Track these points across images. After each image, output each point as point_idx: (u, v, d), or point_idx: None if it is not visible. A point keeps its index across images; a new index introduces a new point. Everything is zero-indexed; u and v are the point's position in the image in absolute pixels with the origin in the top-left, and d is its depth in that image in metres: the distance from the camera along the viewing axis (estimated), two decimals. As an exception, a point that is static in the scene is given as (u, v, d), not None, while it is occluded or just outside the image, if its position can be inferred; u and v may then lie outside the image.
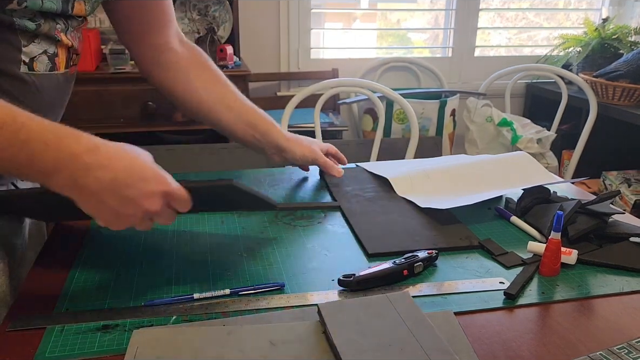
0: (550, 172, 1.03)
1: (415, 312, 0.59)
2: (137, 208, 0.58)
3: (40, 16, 0.69)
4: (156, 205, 0.59)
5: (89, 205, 0.57)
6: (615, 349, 0.56)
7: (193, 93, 0.92)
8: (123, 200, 0.57)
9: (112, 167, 0.57)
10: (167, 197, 0.60)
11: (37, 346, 0.56)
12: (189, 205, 0.62)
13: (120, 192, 0.57)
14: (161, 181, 0.60)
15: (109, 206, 0.57)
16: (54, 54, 0.74)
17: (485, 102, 2.38)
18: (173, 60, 0.92)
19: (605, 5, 2.85)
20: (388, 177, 1.01)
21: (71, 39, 0.76)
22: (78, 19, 0.78)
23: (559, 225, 0.69)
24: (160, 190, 0.59)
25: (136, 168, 0.58)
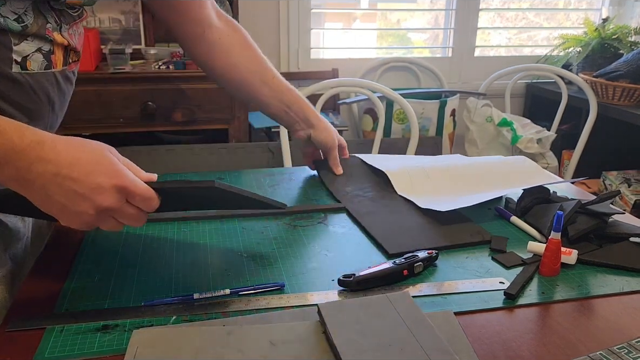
0: (550, 174, 1.03)
1: (415, 312, 0.59)
2: (87, 203, 0.55)
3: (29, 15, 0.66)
4: (109, 201, 0.55)
5: (39, 201, 0.55)
6: (615, 349, 0.56)
7: (233, 70, 0.96)
8: (70, 195, 0.54)
9: (56, 161, 0.54)
10: (122, 192, 0.56)
11: (36, 346, 0.56)
12: (154, 203, 0.59)
13: (65, 186, 0.54)
14: (113, 175, 0.56)
15: (57, 202, 0.55)
16: (50, 52, 0.70)
17: (485, 102, 2.38)
18: (216, 37, 0.94)
19: (605, 5, 2.85)
20: (385, 171, 1.01)
21: (68, 37, 0.73)
22: (73, 14, 0.74)
23: (559, 225, 0.69)
24: (111, 184, 0.55)
25: (83, 161, 0.55)
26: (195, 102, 1.99)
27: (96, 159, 0.56)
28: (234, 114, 2.05)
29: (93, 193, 0.55)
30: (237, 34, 0.98)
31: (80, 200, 0.55)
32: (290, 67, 2.56)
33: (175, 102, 1.97)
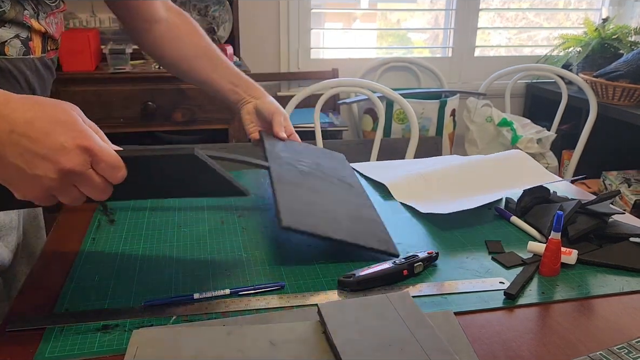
0: (547, 170, 1.03)
1: (415, 312, 0.59)
2: (48, 165, 0.48)
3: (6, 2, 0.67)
4: (73, 162, 0.48)
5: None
6: (615, 349, 0.56)
7: (182, 59, 1.00)
8: (27, 156, 0.47)
9: (10, 118, 0.48)
10: (87, 154, 0.50)
11: (37, 346, 0.56)
12: (122, 174, 0.52)
13: (22, 146, 0.47)
14: (78, 135, 0.49)
15: (12, 164, 0.48)
16: (28, 38, 0.72)
17: (485, 102, 2.38)
18: (163, 29, 0.98)
19: (605, 5, 2.85)
20: (385, 183, 1.01)
21: (45, 25, 0.74)
22: (50, 4, 0.75)
23: (559, 225, 0.69)
24: (75, 144, 0.49)
25: (42, 119, 0.49)
26: (195, 102, 1.99)
27: (57, 117, 0.50)
28: (234, 114, 2.05)
29: (55, 153, 0.48)
30: (184, 24, 1.00)
31: (39, 161, 0.48)
32: (290, 67, 2.56)
33: (175, 102, 1.97)
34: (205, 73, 1.00)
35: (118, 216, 0.89)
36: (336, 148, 2.12)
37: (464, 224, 0.86)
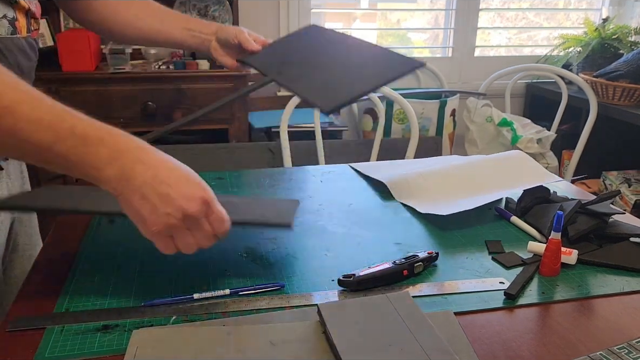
0: (547, 170, 1.03)
1: (415, 312, 0.59)
2: (176, 207, 0.58)
3: None
4: (195, 209, 0.59)
5: (133, 201, 0.58)
6: (615, 349, 0.56)
7: (135, 22, 0.98)
8: (163, 197, 0.58)
9: (155, 166, 0.59)
10: (205, 205, 0.60)
11: (37, 346, 0.56)
12: (226, 226, 0.63)
13: (161, 189, 0.58)
14: (202, 188, 0.61)
15: (150, 202, 0.58)
16: (14, 18, 0.75)
17: (485, 102, 2.38)
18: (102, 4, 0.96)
19: (605, 5, 2.85)
20: (384, 181, 1.01)
21: (27, 2, 0.77)
22: None
23: (559, 225, 0.69)
24: (199, 195, 0.60)
25: (178, 172, 0.61)
26: (195, 102, 1.99)
27: (188, 173, 0.62)
28: (234, 114, 2.06)
29: (183, 199, 0.59)
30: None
31: (171, 203, 0.58)
32: (290, 67, 2.55)
33: (175, 102, 1.97)
34: (165, 30, 0.98)
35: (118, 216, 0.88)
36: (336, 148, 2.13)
37: (464, 224, 0.86)
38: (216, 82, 2.02)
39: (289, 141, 1.90)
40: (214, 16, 2.30)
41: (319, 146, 1.92)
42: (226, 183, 1.04)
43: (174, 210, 0.58)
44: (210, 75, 2.02)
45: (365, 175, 1.09)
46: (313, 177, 1.09)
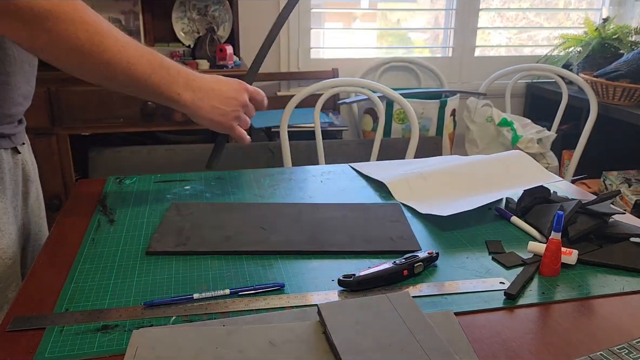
0: (547, 170, 1.03)
1: (415, 312, 0.59)
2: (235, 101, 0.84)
3: None
4: (244, 97, 0.86)
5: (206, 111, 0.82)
6: (615, 349, 0.56)
7: None
8: (225, 101, 0.83)
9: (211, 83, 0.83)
10: (247, 91, 0.87)
11: (37, 346, 0.56)
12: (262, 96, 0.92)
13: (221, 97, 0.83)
14: (239, 82, 0.87)
15: (218, 108, 0.82)
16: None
17: (486, 102, 2.38)
18: None
19: (605, 5, 2.85)
20: (384, 181, 1.02)
21: None
22: None
23: (559, 226, 0.69)
24: (243, 87, 0.86)
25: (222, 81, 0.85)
26: (195, 102, 1.99)
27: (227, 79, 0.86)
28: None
29: (236, 95, 0.85)
30: None
31: (231, 102, 0.84)
32: (290, 67, 2.56)
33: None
34: None
35: (118, 216, 0.89)
36: (336, 148, 2.13)
37: (464, 224, 0.86)
38: (216, 82, 2.02)
39: (289, 141, 1.90)
40: (214, 16, 2.30)
41: (319, 146, 1.92)
42: (226, 183, 1.05)
43: (236, 105, 0.84)
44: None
45: (365, 175, 1.09)
46: (313, 177, 1.09)
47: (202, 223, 0.84)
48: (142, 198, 0.96)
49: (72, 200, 0.96)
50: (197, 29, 2.29)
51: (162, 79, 0.75)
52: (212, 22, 2.29)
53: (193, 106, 0.79)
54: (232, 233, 0.81)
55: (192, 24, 2.28)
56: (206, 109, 0.80)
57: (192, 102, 0.79)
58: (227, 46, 2.10)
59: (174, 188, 1.01)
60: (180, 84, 0.77)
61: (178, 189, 1.01)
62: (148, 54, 0.75)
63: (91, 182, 1.05)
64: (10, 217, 0.83)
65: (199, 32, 2.29)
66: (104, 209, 0.91)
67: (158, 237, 0.79)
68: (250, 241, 0.79)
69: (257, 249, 0.77)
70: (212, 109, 0.81)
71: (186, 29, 2.28)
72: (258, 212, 0.89)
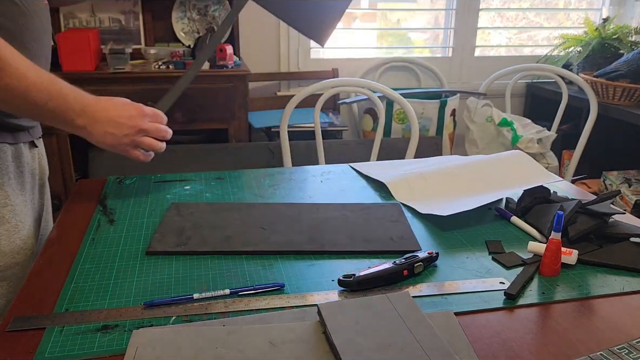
0: (547, 170, 1.03)
1: (415, 312, 0.59)
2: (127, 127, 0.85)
3: None
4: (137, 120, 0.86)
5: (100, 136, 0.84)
6: (615, 349, 0.56)
7: None
8: (117, 126, 0.85)
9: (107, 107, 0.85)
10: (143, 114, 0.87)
11: (37, 346, 0.56)
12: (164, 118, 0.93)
13: (114, 122, 0.84)
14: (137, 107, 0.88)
15: (110, 133, 0.84)
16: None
17: (486, 102, 2.38)
18: None
19: (605, 5, 2.85)
20: (384, 181, 1.02)
21: None
22: None
23: (559, 226, 0.69)
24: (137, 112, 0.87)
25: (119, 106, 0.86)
26: (195, 102, 1.99)
27: (125, 102, 0.87)
28: (234, 114, 2.06)
29: (129, 119, 0.86)
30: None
31: (123, 126, 0.85)
32: (290, 67, 2.56)
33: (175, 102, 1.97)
34: None
35: (118, 216, 0.89)
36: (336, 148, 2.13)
37: (464, 224, 0.86)
38: (216, 82, 2.02)
39: (289, 141, 1.90)
40: (214, 16, 2.30)
41: (319, 146, 1.92)
42: (226, 183, 1.05)
43: (128, 129, 0.86)
44: (210, 75, 2.02)
45: (365, 175, 1.09)
46: (313, 177, 1.09)
47: (202, 223, 0.84)
48: (142, 198, 0.96)
49: (72, 200, 0.96)
50: (197, 29, 2.29)
51: (58, 106, 0.79)
52: (212, 22, 2.29)
53: (85, 131, 0.83)
54: (232, 233, 0.81)
55: (192, 24, 2.29)
56: (99, 133, 0.83)
57: (84, 128, 0.82)
58: (227, 46, 2.10)
59: (174, 188, 1.01)
60: (76, 110, 0.80)
61: (178, 189, 1.01)
62: (48, 82, 0.77)
63: (91, 182, 1.05)
64: (29, 210, 0.89)
65: (199, 32, 2.29)
66: (104, 209, 0.91)
67: (158, 237, 0.79)
68: (250, 241, 0.79)
69: (257, 249, 0.77)
70: (104, 134, 0.84)
71: (186, 29, 2.28)
72: (258, 212, 0.89)
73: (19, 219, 0.84)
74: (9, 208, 0.82)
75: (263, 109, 2.42)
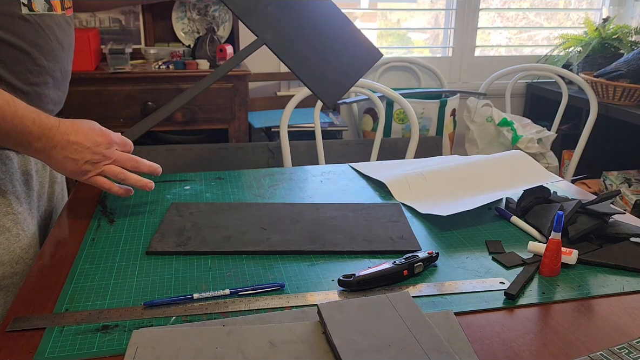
0: (547, 170, 1.03)
1: (415, 312, 0.59)
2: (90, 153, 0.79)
3: None
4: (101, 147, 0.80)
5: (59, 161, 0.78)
6: (615, 349, 0.56)
7: None
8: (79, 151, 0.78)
9: (68, 132, 0.78)
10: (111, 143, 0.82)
11: (36, 346, 0.56)
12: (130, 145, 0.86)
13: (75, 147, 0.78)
14: (102, 132, 0.81)
15: (72, 158, 0.78)
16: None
17: (486, 102, 2.38)
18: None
19: (605, 5, 2.85)
20: (384, 181, 1.02)
21: None
22: None
23: (559, 226, 0.69)
24: (103, 138, 0.81)
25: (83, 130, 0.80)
26: (195, 102, 1.99)
27: (91, 127, 0.81)
28: (234, 114, 2.06)
29: (93, 145, 0.79)
30: None
31: (85, 152, 0.79)
32: (290, 67, 2.56)
33: (176, 102, 1.97)
34: None
35: (118, 216, 0.89)
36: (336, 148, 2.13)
37: (464, 224, 0.86)
38: (216, 82, 2.02)
39: (289, 141, 1.90)
40: (214, 16, 2.30)
41: (319, 146, 1.92)
42: (226, 183, 1.05)
43: (91, 155, 0.79)
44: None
45: (365, 175, 1.09)
46: (313, 177, 1.09)
47: (202, 223, 0.84)
48: (142, 198, 0.96)
49: (72, 200, 0.96)
50: (197, 29, 2.29)
51: (13, 128, 0.73)
52: (212, 22, 2.29)
53: (44, 155, 0.78)
54: (232, 233, 0.81)
55: (192, 24, 2.28)
56: (58, 159, 0.78)
57: (42, 151, 0.77)
58: (227, 46, 2.10)
59: (174, 188, 1.01)
60: (34, 134, 0.75)
61: (178, 189, 1.01)
62: (2, 103, 0.72)
63: (91, 182, 1.05)
64: (34, 218, 0.88)
65: (199, 32, 2.29)
66: (104, 209, 0.91)
67: (158, 237, 0.79)
68: (250, 241, 0.79)
69: (257, 249, 0.77)
70: (64, 159, 0.78)
71: (186, 29, 2.28)
72: (258, 212, 0.89)
73: (20, 228, 0.83)
74: (10, 217, 0.82)
75: (263, 109, 2.42)
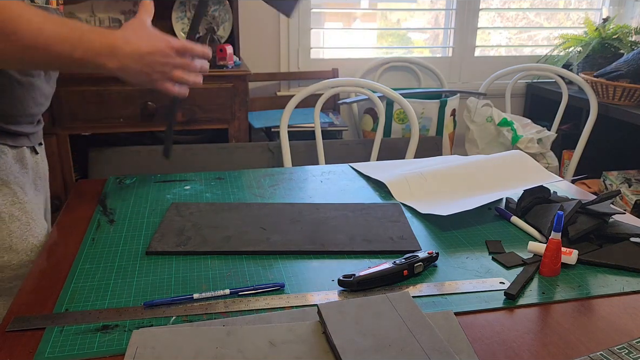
0: (547, 170, 1.03)
1: (415, 312, 0.59)
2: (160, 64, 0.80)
3: None
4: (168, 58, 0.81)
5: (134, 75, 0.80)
6: (615, 349, 0.56)
7: None
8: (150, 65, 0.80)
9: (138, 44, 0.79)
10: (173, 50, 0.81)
11: (36, 346, 0.56)
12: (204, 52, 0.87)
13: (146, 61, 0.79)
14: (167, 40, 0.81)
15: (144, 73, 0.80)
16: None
17: (486, 102, 2.38)
18: None
19: (605, 5, 2.85)
20: (384, 181, 1.02)
21: None
22: None
23: (559, 226, 0.69)
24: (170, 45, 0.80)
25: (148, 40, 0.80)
26: (195, 102, 1.99)
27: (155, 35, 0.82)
28: (234, 114, 2.05)
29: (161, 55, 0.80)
30: None
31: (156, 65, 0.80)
32: (290, 67, 2.56)
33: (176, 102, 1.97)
34: None
35: (118, 216, 0.89)
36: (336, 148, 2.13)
37: (464, 224, 0.86)
38: (216, 82, 2.02)
39: (289, 141, 1.90)
40: (214, 16, 2.30)
41: (319, 146, 1.92)
42: (226, 183, 1.05)
43: (161, 65, 0.80)
44: (210, 75, 2.02)
45: (365, 175, 1.09)
46: (313, 177, 1.09)
47: (202, 223, 0.84)
48: (142, 198, 0.96)
49: (72, 200, 0.96)
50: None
51: (84, 53, 0.74)
52: (212, 22, 2.29)
53: (120, 72, 0.79)
54: (232, 233, 0.81)
55: (192, 24, 2.28)
56: (134, 73, 0.80)
57: (117, 69, 0.78)
58: (227, 46, 2.09)
59: (174, 188, 1.01)
60: (104, 55, 0.76)
61: (178, 189, 1.01)
62: (67, 30, 0.72)
63: (91, 182, 1.05)
64: (40, 209, 0.90)
65: (199, 32, 2.28)
66: (104, 209, 0.91)
67: (158, 237, 0.79)
68: (250, 241, 0.79)
69: (257, 249, 0.77)
70: (139, 73, 0.80)
71: (186, 29, 2.28)
72: (258, 212, 0.89)
73: (30, 217, 0.83)
74: (17, 206, 0.82)
75: (263, 109, 2.42)
